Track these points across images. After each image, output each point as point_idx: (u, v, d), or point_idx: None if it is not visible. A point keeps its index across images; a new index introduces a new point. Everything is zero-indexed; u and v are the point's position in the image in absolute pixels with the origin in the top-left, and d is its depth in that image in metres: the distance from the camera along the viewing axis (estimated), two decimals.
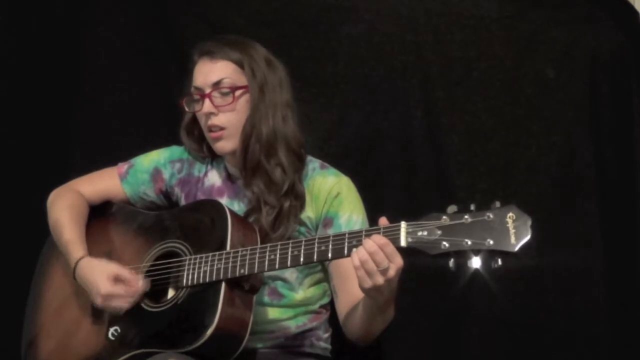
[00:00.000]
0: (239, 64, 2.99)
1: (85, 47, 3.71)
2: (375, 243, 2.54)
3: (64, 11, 3.71)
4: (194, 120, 3.08)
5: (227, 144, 2.99)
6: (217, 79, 2.97)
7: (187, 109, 3.05)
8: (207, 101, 2.97)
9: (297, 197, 2.96)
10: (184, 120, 3.12)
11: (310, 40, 3.57)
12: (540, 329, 3.38)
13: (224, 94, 2.97)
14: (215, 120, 2.97)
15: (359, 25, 3.57)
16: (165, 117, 3.64)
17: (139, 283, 2.86)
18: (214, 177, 3.11)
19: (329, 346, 3.09)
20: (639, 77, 3.41)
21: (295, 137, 3.00)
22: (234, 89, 2.97)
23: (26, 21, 3.70)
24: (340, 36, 3.58)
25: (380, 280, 2.56)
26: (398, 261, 2.55)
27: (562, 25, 3.48)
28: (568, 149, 3.46)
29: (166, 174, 3.16)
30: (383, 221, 2.59)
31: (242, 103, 2.98)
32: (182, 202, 3.13)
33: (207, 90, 2.98)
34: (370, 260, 2.54)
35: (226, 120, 2.97)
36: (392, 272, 2.55)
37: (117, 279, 2.85)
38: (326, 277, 3.03)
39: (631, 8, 3.45)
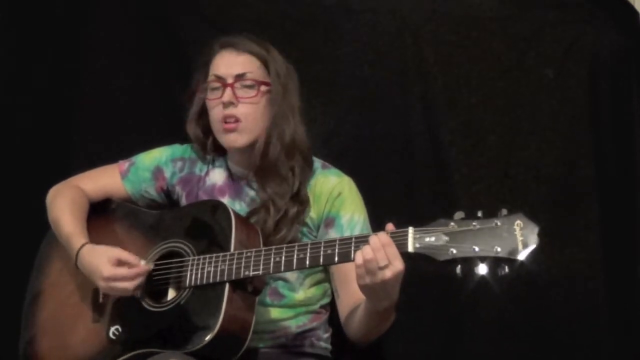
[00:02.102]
0: (264, 62, 3.00)
1: (85, 47, 3.70)
2: (380, 241, 2.56)
3: (64, 11, 3.70)
4: (202, 112, 3.07)
5: (240, 138, 2.97)
6: (242, 71, 2.97)
7: (201, 96, 3.03)
8: (228, 90, 2.96)
9: (302, 202, 2.96)
10: (191, 111, 3.10)
11: (310, 40, 3.57)
12: (541, 331, 3.38)
13: (247, 87, 2.97)
14: (234, 111, 2.95)
15: (359, 25, 3.57)
16: (166, 116, 3.65)
17: (142, 264, 2.85)
18: (215, 176, 3.11)
19: (329, 346, 3.09)
20: (639, 77, 3.41)
21: (307, 143, 3.02)
22: (259, 83, 2.97)
23: (26, 21, 3.69)
24: (340, 36, 3.58)
25: (377, 278, 2.56)
26: (397, 264, 2.55)
27: (562, 25, 3.48)
28: (568, 149, 3.46)
29: (167, 173, 3.15)
30: (390, 227, 2.60)
31: (264, 99, 2.98)
32: (183, 200, 3.13)
33: (230, 80, 2.96)
34: (374, 260, 2.55)
35: (245, 112, 2.96)
36: (388, 273, 2.55)
37: (119, 262, 2.84)
38: (327, 278, 3.04)
39: (631, 8, 3.45)
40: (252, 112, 2.96)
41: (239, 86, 2.96)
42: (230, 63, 2.99)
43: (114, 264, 2.84)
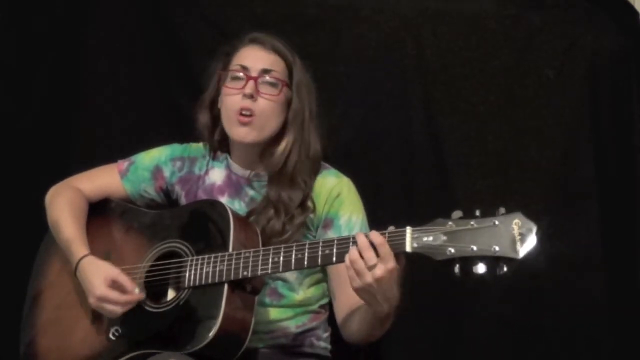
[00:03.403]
0: (289, 68, 3.02)
1: (86, 47, 3.70)
2: (367, 240, 2.55)
3: (64, 11, 3.70)
4: (214, 101, 3.06)
5: (250, 134, 2.97)
6: (269, 67, 2.98)
7: (224, 84, 3.02)
8: (251, 83, 2.96)
9: (307, 209, 2.96)
10: (203, 98, 3.10)
11: (310, 40, 3.56)
12: (540, 331, 3.38)
13: (270, 84, 2.97)
14: (251, 105, 2.94)
15: (359, 25, 3.57)
16: (165, 116, 3.65)
17: (135, 292, 2.85)
18: (214, 176, 3.11)
19: (328, 345, 3.09)
20: (639, 77, 3.41)
21: (321, 155, 3.04)
22: (284, 83, 2.98)
23: (26, 21, 3.70)
24: (340, 36, 3.58)
25: (368, 278, 2.55)
26: (388, 262, 2.55)
27: (562, 25, 3.48)
28: (568, 149, 3.46)
29: (167, 172, 3.15)
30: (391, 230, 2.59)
31: (283, 101, 2.99)
32: (182, 200, 3.13)
33: (255, 74, 2.97)
34: (360, 260, 2.55)
35: (262, 107, 2.95)
36: (378, 272, 2.54)
37: (114, 284, 2.84)
38: (325, 277, 3.03)
39: (631, 8, 3.45)
40: (269, 109, 2.96)
41: (262, 82, 2.96)
42: (258, 57, 3.00)
43: (108, 285, 2.84)
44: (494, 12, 3.51)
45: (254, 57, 3.00)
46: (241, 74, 2.98)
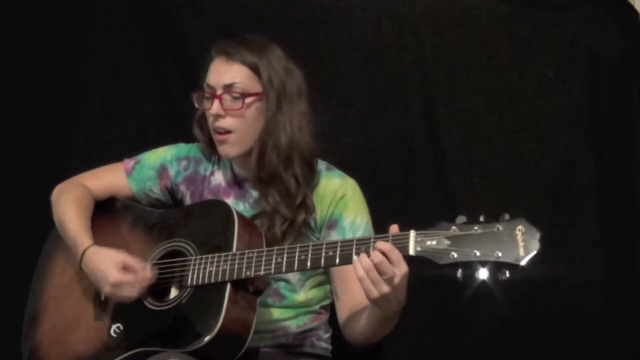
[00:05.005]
0: (255, 70, 2.94)
1: (85, 47, 3.70)
2: (380, 253, 2.55)
3: (64, 11, 3.70)
4: (203, 120, 3.05)
5: (232, 149, 2.96)
6: (230, 81, 2.93)
7: (196, 105, 3.01)
8: (216, 102, 2.93)
9: (308, 210, 2.94)
10: (197, 112, 3.08)
11: (310, 40, 3.56)
12: (541, 334, 3.39)
13: (234, 98, 2.93)
14: (222, 123, 2.93)
15: (359, 25, 3.57)
16: (166, 116, 3.66)
17: (147, 271, 2.85)
18: (220, 177, 3.10)
19: (329, 346, 3.10)
20: (639, 77, 3.41)
21: (309, 148, 2.97)
22: (245, 95, 2.92)
23: (26, 21, 3.70)
24: (340, 36, 3.58)
25: (386, 288, 2.55)
26: (403, 268, 2.55)
27: (562, 25, 3.48)
28: (568, 150, 3.46)
29: (172, 171, 3.15)
30: (394, 228, 2.59)
31: (253, 110, 2.94)
32: (187, 200, 3.12)
33: (219, 92, 2.93)
34: (374, 269, 2.54)
35: (234, 124, 2.93)
36: (397, 280, 2.55)
37: (125, 268, 2.84)
38: (328, 279, 3.03)
39: (631, 8, 3.45)
40: (239, 124, 2.94)
41: (228, 97, 2.93)
42: (220, 72, 2.95)
43: (119, 270, 2.84)
44: (494, 12, 3.51)
45: (217, 73, 2.96)
46: (208, 95, 2.97)
